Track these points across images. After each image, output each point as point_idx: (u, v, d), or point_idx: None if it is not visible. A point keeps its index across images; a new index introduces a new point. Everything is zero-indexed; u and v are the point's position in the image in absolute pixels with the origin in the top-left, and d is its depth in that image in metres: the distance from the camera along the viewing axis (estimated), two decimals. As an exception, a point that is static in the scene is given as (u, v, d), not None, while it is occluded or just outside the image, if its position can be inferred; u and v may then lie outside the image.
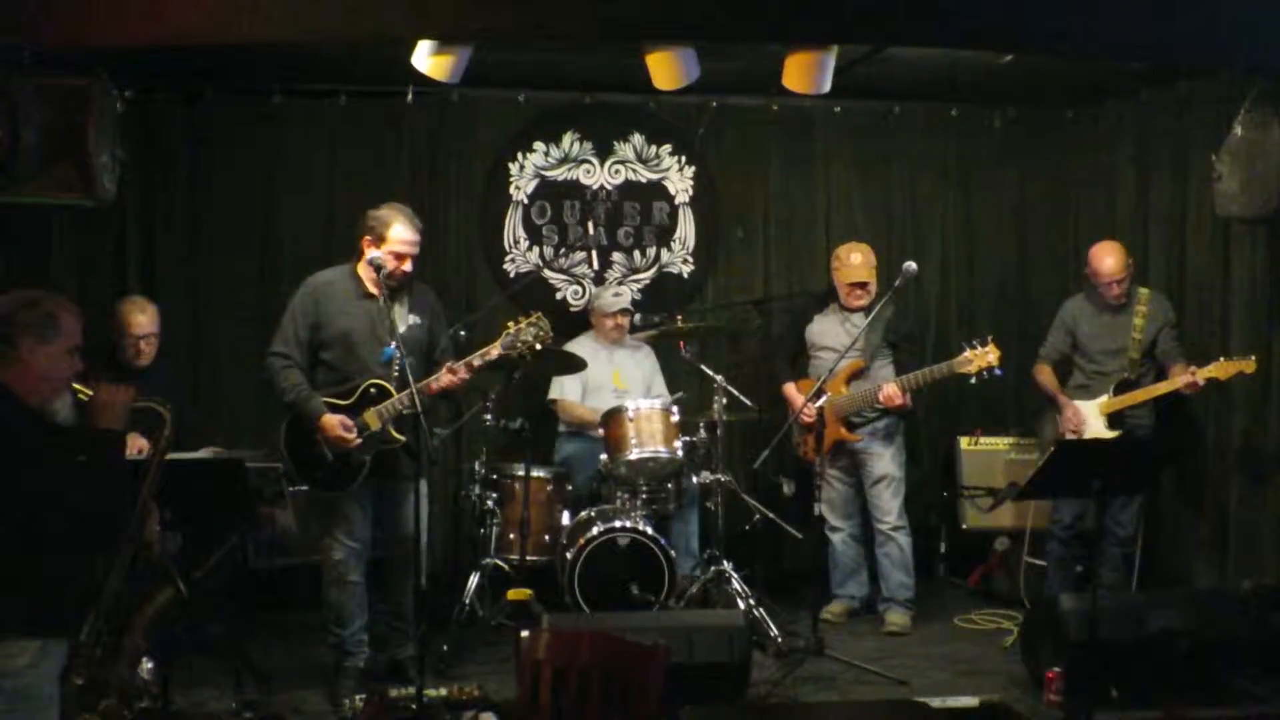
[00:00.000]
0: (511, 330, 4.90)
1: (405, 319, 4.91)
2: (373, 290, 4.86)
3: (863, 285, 5.95)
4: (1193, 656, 4.75)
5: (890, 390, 5.76)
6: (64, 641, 3.15)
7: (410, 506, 4.82)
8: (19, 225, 5.85)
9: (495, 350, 4.89)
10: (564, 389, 6.28)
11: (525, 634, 3.16)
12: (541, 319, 4.93)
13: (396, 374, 4.80)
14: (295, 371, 4.82)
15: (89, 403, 3.23)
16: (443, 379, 4.83)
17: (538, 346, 4.91)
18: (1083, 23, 4.49)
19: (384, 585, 5.08)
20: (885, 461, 5.98)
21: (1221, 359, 5.47)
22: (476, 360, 4.88)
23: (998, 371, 5.63)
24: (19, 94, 4.37)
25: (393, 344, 4.77)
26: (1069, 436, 5.78)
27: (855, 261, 5.99)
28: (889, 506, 5.97)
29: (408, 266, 4.87)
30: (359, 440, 4.75)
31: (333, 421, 4.74)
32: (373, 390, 4.77)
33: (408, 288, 4.97)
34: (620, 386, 6.26)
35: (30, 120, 4.41)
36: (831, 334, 6.00)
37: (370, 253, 4.84)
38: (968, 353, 5.64)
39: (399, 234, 4.82)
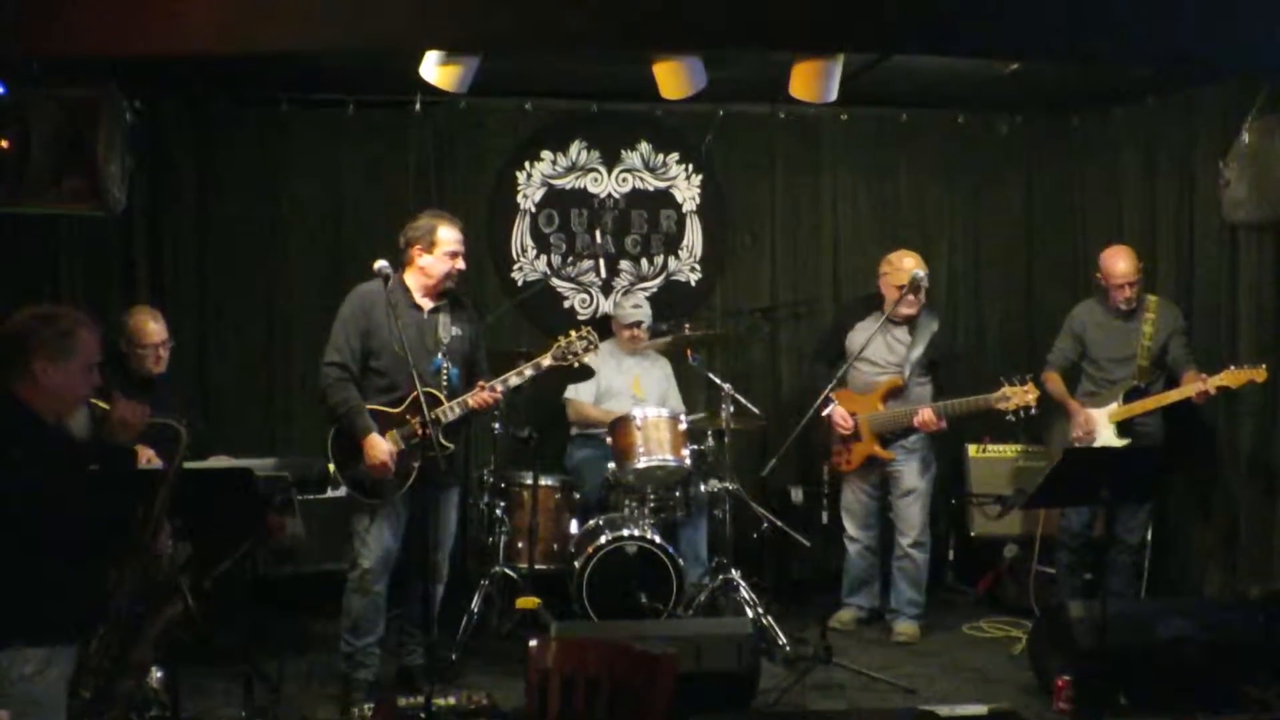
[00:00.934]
0: (563, 343, 4.96)
1: (449, 330, 4.95)
2: (420, 300, 4.91)
3: (916, 292, 5.88)
4: (1202, 664, 4.73)
5: (926, 416, 5.74)
6: (70, 649, 3.16)
7: (444, 515, 4.94)
8: (29, 235, 5.90)
9: (546, 360, 4.94)
10: (579, 390, 6.28)
11: (534, 643, 3.15)
12: (591, 332, 5.00)
13: (446, 384, 4.85)
14: (350, 385, 4.83)
15: (106, 419, 3.23)
16: (482, 396, 4.87)
17: (586, 359, 4.96)
18: (1088, 29, 4.49)
19: (402, 593, 5.08)
20: (915, 475, 5.95)
21: (1232, 367, 5.45)
22: (529, 370, 4.93)
23: (1033, 411, 5.63)
24: (29, 105, 4.40)
25: (440, 355, 4.87)
26: (1080, 443, 5.77)
27: (908, 265, 5.87)
28: (914, 520, 5.95)
29: (462, 264, 4.95)
30: (393, 475, 4.78)
31: (380, 448, 4.75)
32: (420, 400, 4.77)
33: (450, 300, 5.01)
34: (639, 394, 6.26)
35: (40, 131, 4.43)
36: (871, 346, 5.83)
37: (421, 261, 4.88)
38: (1006, 389, 5.61)
39: (447, 235, 4.89)
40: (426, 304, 4.94)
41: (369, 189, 6.69)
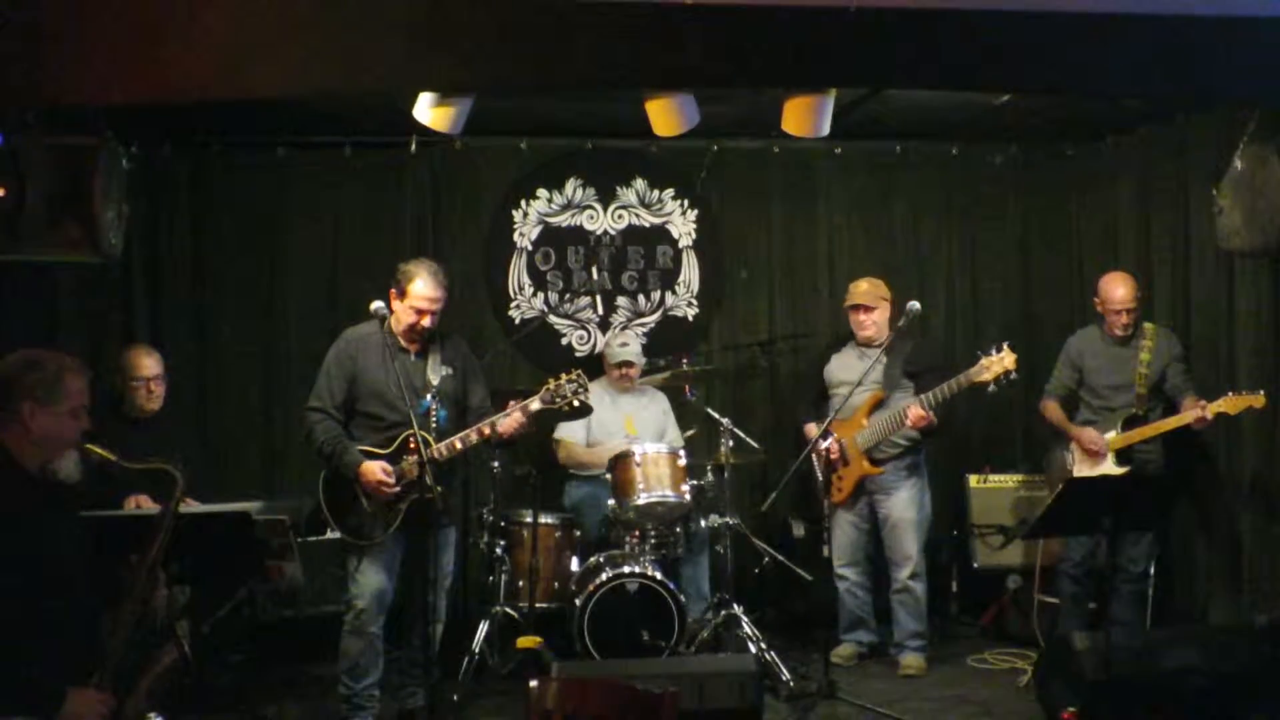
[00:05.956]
0: (552, 386, 4.94)
1: (438, 370, 4.95)
2: (404, 343, 4.91)
3: (867, 310, 5.95)
4: (1208, 693, 4.70)
5: (915, 412, 5.67)
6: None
7: (439, 555, 4.90)
8: (26, 282, 5.89)
9: (535, 404, 4.92)
10: (571, 429, 6.27)
11: (534, 683, 3.13)
12: (581, 376, 4.97)
13: (435, 425, 4.84)
14: (331, 424, 4.84)
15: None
16: (471, 436, 4.87)
17: (575, 403, 4.96)
18: (1079, 62, 4.51)
19: (400, 633, 5.06)
20: (905, 503, 5.91)
21: (1231, 394, 5.44)
22: (517, 414, 4.90)
23: (1013, 375, 5.58)
24: (24, 153, 4.41)
25: (429, 396, 4.85)
26: (1085, 467, 5.75)
27: (860, 288, 6.01)
28: (909, 552, 5.89)
29: (427, 322, 4.89)
30: (398, 487, 4.77)
31: (372, 469, 4.75)
32: (411, 442, 4.74)
33: (439, 339, 5.01)
34: (632, 433, 6.24)
35: (36, 178, 4.44)
36: (849, 367, 5.96)
37: (394, 305, 4.89)
38: (983, 360, 5.57)
39: (419, 289, 4.85)
40: (413, 344, 4.94)
41: (366, 230, 6.72)
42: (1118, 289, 5.82)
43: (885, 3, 4.25)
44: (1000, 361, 5.52)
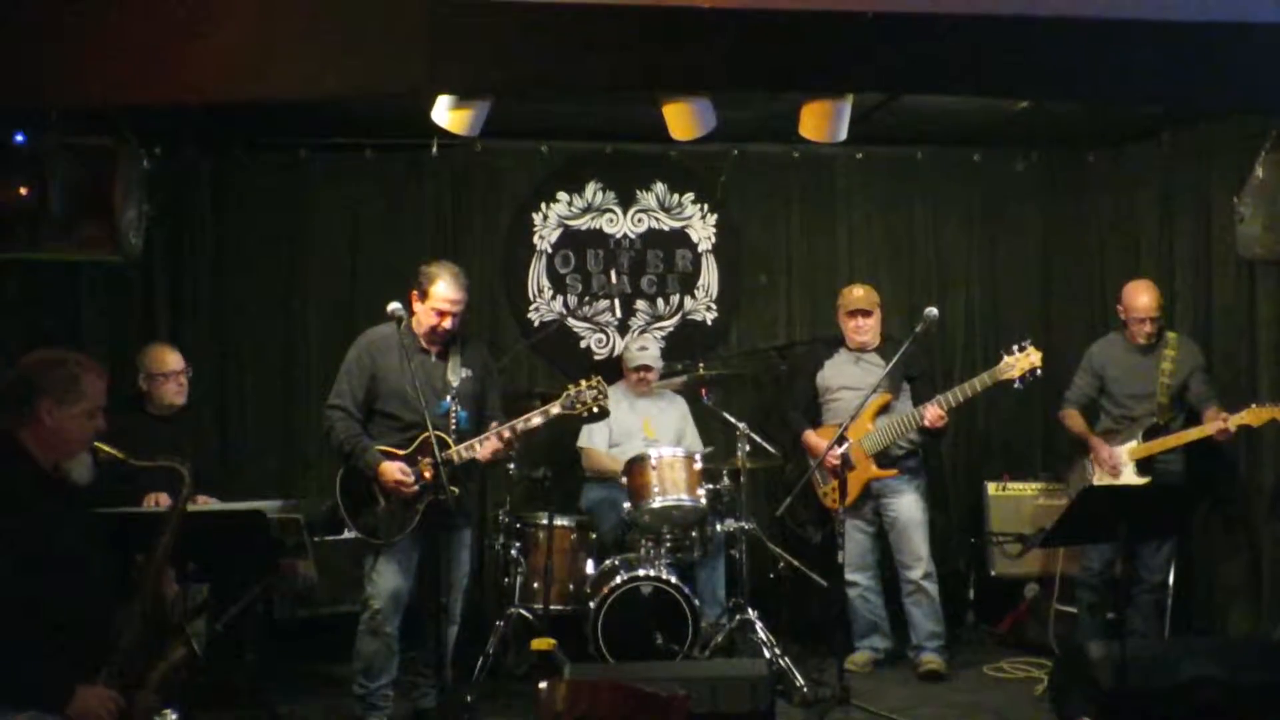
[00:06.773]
0: (572, 392, 4.96)
1: (459, 372, 4.97)
2: (425, 344, 4.94)
3: (865, 314, 5.95)
4: (1226, 704, 4.66)
5: (934, 411, 5.66)
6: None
7: (455, 557, 4.93)
8: (49, 282, 5.96)
9: (555, 409, 4.94)
10: (592, 437, 6.28)
11: (543, 685, 3.14)
12: (601, 382, 4.99)
13: (455, 427, 4.86)
14: (352, 423, 4.87)
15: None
16: (490, 444, 4.88)
17: (595, 409, 4.97)
18: (1099, 68, 4.49)
19: (415, 633, 5.08)
20: (911, 503, 5.91)
21: (1254, 405, 5.40)
22: (537, 418, 4.93)
23: (1039, 372, 5.57)
24: (46, 153, 4.46)
25: (448, 397, 4.87)
26: (1104, 478, 5.72)
27: (856, 294, 6.04)
28: (918, 552, 5.89)
29: (448, 324, 4.91)
30: (416, 486, 4.79)
31: (391, 468, 4.78)
32: (430, 442, 4.74)
33: (460, 341, 5.03)
34: (650, 436, 6.25)
35: (57, 179, 4.49)
36: (846, 374, 5.97)
37: (415, 307, 4.91)
38: (1007, 359, 5.58)
39: (441, 291, 4.87)
40: (434, 346, 4.96)
41: (386, 233, 6.74)
42: (1142, 297, 5.79)
43: (904, 8, 4.25)
44: (1026, 358, 5.54)
